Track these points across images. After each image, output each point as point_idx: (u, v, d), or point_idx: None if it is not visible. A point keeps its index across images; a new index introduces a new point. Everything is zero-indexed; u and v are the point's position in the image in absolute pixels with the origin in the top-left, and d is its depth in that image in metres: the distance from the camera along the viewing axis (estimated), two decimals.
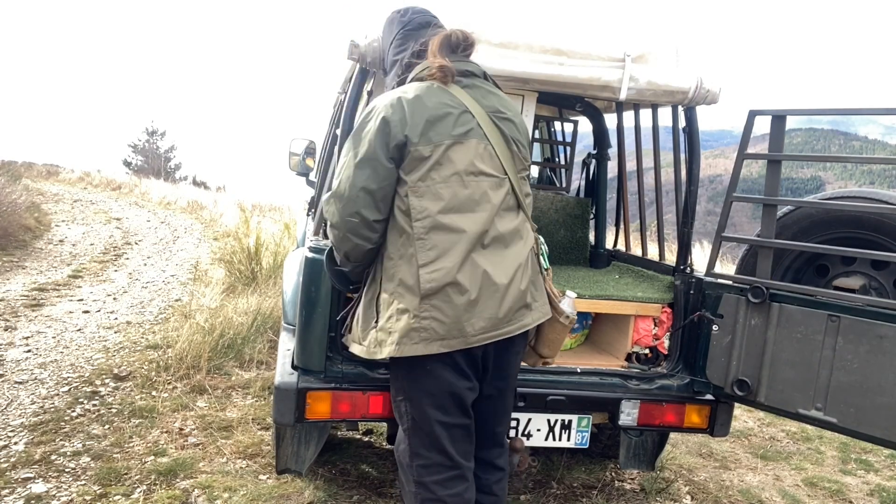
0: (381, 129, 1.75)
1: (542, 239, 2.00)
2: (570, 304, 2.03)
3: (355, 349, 1.91)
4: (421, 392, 1.85)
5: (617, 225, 3.58)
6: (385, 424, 3.10)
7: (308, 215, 3.83)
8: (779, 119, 2.30)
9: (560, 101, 3.44)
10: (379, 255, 1.85)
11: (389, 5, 2.09)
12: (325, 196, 1.88)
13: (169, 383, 3.93)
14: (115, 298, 6.32)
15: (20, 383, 3.83)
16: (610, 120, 3.55)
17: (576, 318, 2.03)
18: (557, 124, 4.39)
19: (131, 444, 3.18)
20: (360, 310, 1.91)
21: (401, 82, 1.92)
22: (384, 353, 1.78)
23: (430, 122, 1.76)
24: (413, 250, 1.74)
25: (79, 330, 5.06)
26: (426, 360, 1.79)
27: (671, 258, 2.87)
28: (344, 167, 1.80)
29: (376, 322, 1.81)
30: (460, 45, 1.88)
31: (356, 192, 1.76)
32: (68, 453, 3.02)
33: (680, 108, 2.63)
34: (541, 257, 1.98)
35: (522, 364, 2.18)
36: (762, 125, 2.40)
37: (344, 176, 1.79)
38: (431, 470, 1.87)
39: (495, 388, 1.94)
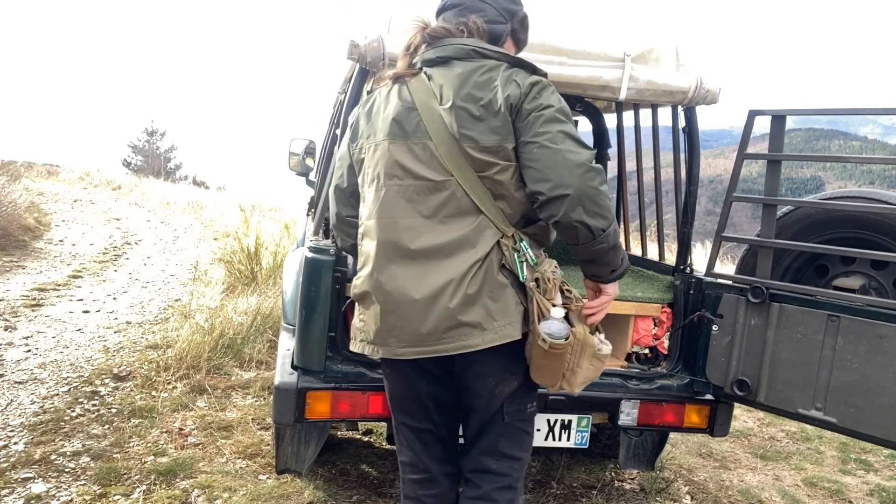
0: (349, 130, 1.86)
1: (524, 247, 1.67)
2: (551, 325, 1.65)
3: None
4: (388, 393, 1.90)
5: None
6: (385, 424, 3.10)
7: (308, 215, 3.83)
8: (779, 119, 2.30)
9: None
10: None
11: (389, 5, 2.09)
12: None
13: (169, 383, 3.93)
14: (114, 298, 6.32)
15: (20, 383, 3.83)
16: (610, 120, 3.55)
17: (561, 340, 1.64)
18: None
19: (131, 444, 3.18)
20: None
21: None
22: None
23: (368, 123, 1.79)
24: None
25: (78, 330, 5.05)
26: (386, 362, 1.81)
27: (671, 258, 2.87)
28: None
29: None
30: (427, 42, 1.74)
31: (330, 189, 1.95)
32: (68, 453, 3.02)
33: (680, 108, 2.63)
34: (518, 267, 1.67)
35: None
36: (762, 125, 2.40)
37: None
38: (408, 469, 1.91)
39: (468, 405, 1.81)
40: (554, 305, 1.67)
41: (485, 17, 1.74)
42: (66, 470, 2.88)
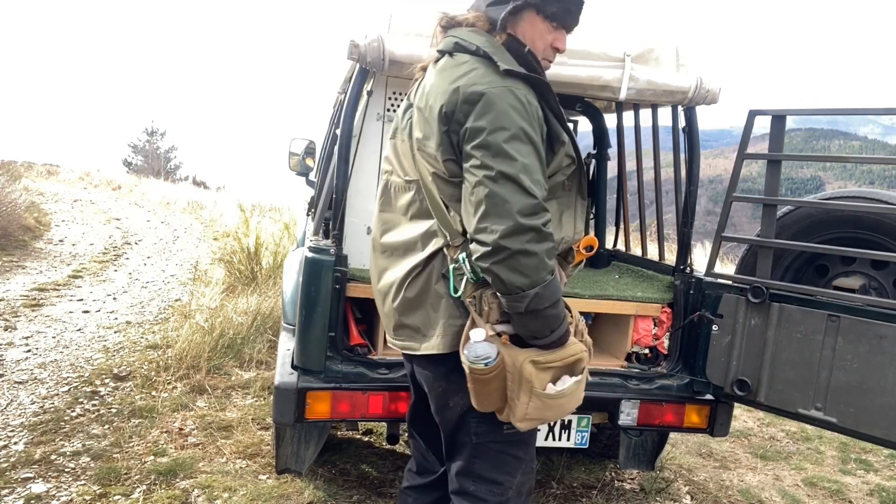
0: None
1: (461, 258, 1.53)
2: (474, 347, 1.52)
3: None
4: None
5: (617, 225, 3.58)
6: (385, 424, 3.10)
7: (308, 215, 3.83)
8: (779, 119, 2.30)
9: (560, 100, 3.43)
10: None
11: (389, 5, 2.09)
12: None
13: (169, 383, 3.93)
14: (114, 298, 6.32)
15: (20, 383, 3.83)
16: (610, 120, 3.55)
17: (480, 365, 1.50)
18: None
19: (131, 444, 3.18)
20: None
21: None
22: None
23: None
24: None
25: (78, 330, 5.05)
26: None
27: (671, 258, 2.87)
28: None
29: None
30: (442, 31, 1.70)
31: None
32: (68, 453, 3.02)
33: (680, 108, 2.63)
34: (452, 279, 1.57)
35: None
36: (762, 125, 2.41)
37: None
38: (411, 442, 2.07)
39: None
40: (477, 326, 1.53)
41: None
42: (66, 470, 2.88)
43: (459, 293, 1.56)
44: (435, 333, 1.61)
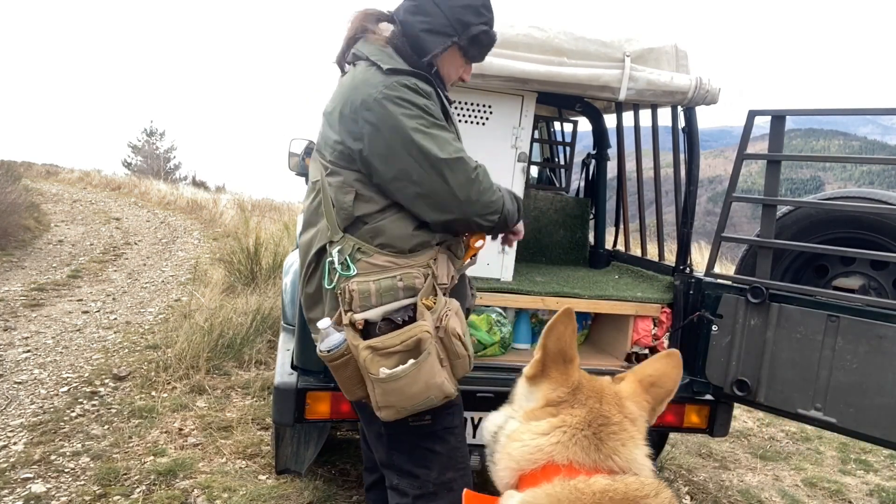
0: None
1: (335, 252, 1.61)
2: (325, 335, 1.58)
3: None
4: None
5: (616, 225, 3.58)
6: None
7: None
8: (778, 119, 2.30)
9: (560, 101, 3.44)
10: None
11: (387, 6, 2.09)
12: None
13: (168, 383, 3.93)
14: (114, 299, 6.32)
15: (20, 383, 3.83)
16: (610, 120, 3.56)
17: (324, 352, 1.58)
18: (557, 124, 4.40)
19: (131, 445, 3.18)
20: None
21: None
22: None
23: None
24: None
25: (78, 330, 5.05)
26: None
27: (671, 258, 2.87)
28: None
29: None
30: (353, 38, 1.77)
31: None
32: (68, 453, 3.02)
33: (679, 108, 2.63)
34: (329, 273, 1.63)
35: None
36: (762, 124, 2.41)
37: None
38: None
39: None
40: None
41: (427, 24, 1.68)
42: (66, 470, 2.88)
43: (332, 285, 1.62)
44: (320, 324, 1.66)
